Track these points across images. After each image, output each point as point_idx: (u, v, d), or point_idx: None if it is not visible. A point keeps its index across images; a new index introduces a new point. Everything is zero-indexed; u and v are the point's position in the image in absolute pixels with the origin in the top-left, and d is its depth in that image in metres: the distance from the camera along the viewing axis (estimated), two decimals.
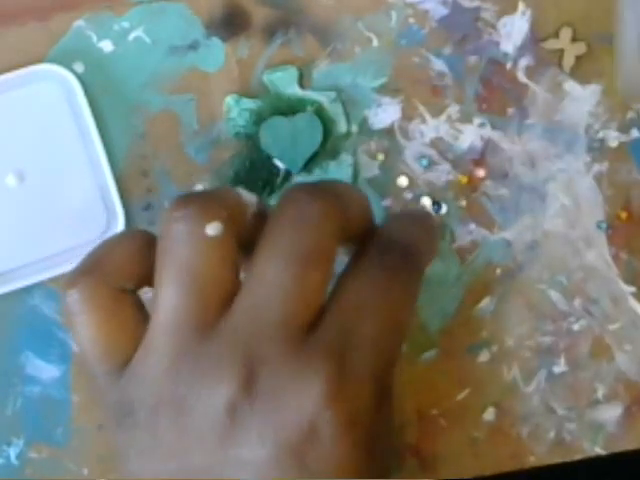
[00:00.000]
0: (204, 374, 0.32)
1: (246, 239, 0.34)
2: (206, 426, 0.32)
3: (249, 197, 0.35)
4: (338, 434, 0.32)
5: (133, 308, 0.35)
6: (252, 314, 0.33)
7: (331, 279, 0.34)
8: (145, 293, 0.36)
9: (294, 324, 0.33)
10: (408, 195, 0.43)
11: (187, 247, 0.33)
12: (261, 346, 0.32)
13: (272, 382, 0.32)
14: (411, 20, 0.43)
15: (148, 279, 0.35)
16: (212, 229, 0.33)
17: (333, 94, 0.42)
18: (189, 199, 0.34)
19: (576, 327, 0.43)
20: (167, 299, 0.33)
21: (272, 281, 0.33)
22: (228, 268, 0.34)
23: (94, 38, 0.42)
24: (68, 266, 0.42)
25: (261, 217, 0.35)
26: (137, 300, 0.35)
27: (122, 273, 0.35)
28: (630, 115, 0.43)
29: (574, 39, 0.43)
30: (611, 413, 0.39)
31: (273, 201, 0.43)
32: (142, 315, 0.35)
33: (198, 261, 0.33)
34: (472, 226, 0.43)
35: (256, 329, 0.33)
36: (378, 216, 0.42)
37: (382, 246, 0.36)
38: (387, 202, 0.43)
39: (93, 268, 0.35)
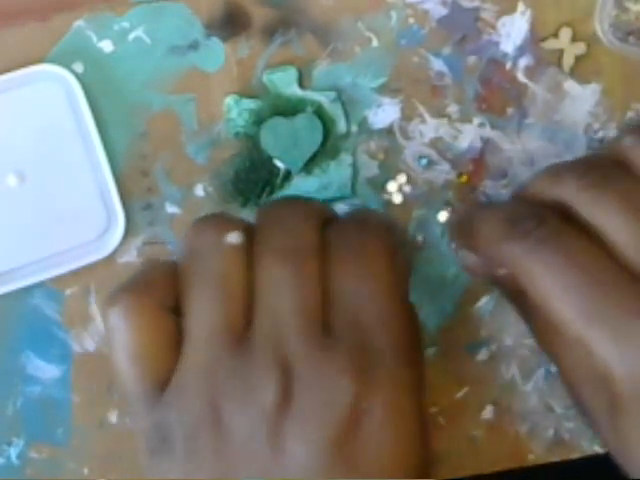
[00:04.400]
0: (242, 388, 0.33)
1: None
2: (250, 438, 0.33)
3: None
4: (378, 419, 0.33)
5: (173, 327, 0.35)
6: (271, 316, 0.34)
7: (322, 268, 0.35)
8: None
9: (310, 319, 0.34)
10: (407, 193, 0.43)
11: (212, 256, 0.35)
12: (288, 349, 0.33)
13: (306, 383, 0.33)
14: (411, 20, 0.43)
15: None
16: (233, 237, 0.35)
17: (333, 94, 0.42)
18: (207, 216, 0.37)
19: None
20: (197, 313, 0.34)
21: (276, 278, 0.34)
22: (248, 275, 0.35)
23: (94, 38, 0.42)
24: (68, 266, 0.42)
25: None
26: (176, 321, 0.36)
27: (163, 288, 0.36)
28: (629, 114, 0.43)
29: (574, 39, 0.43)
30: None
31: None
32: (179, 337, 0.35)
33: (223, 268, 0.35)
34: None
35: (279, 332, 0.33)
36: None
37: (341, 232, 0.36)
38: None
39: (135, 285, 0.36)
